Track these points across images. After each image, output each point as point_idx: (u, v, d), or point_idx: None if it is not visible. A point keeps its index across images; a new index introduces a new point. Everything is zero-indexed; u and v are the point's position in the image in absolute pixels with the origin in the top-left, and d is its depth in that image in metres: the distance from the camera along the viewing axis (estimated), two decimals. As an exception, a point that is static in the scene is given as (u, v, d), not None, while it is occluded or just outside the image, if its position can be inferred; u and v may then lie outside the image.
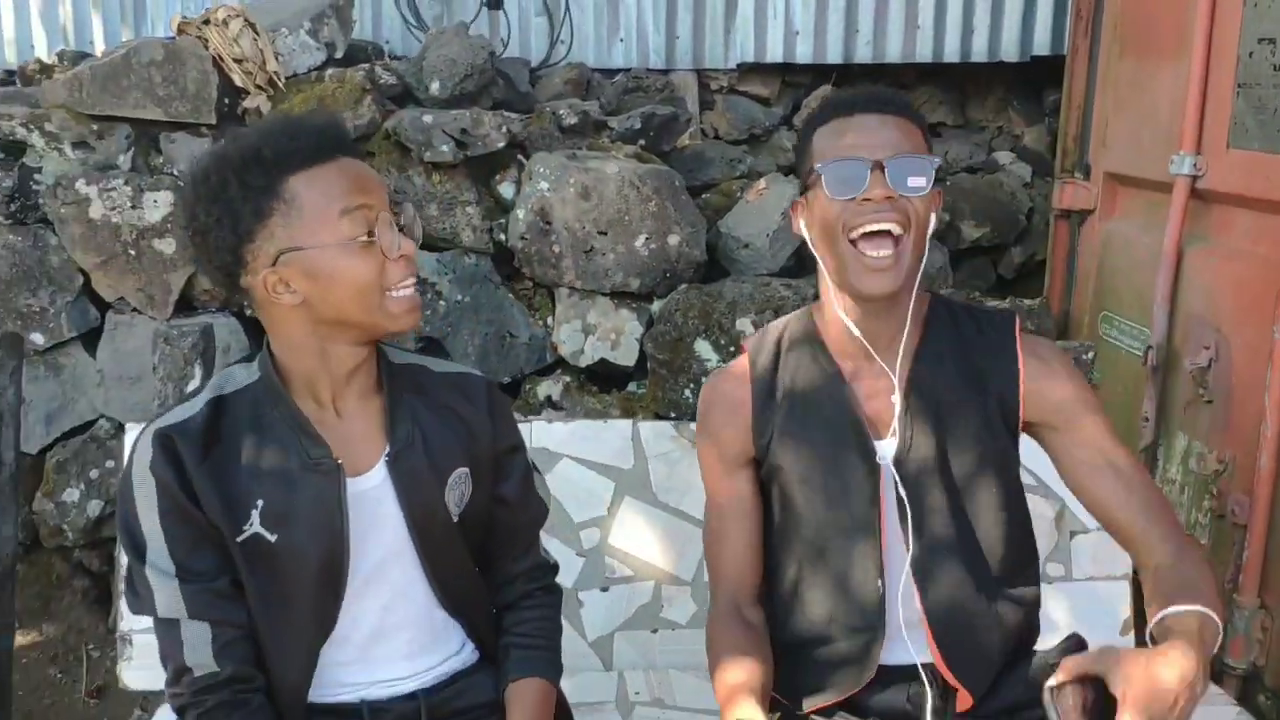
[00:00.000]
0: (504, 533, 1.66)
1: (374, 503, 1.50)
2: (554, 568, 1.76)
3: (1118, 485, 1.55)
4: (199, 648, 1.43)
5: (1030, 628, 1.68)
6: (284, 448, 1.46)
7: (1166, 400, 3.12)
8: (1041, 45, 4.04)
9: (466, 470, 1.58)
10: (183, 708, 1.45)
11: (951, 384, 1.60)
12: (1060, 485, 1.66)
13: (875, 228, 1.50)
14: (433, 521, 1.54)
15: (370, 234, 1.42)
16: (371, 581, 1.52)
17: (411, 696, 1.57)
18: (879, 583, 1.59)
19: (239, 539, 1.44)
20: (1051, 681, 1.34)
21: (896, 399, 1.58)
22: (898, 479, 1.57)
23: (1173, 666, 1.27)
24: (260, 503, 1.44)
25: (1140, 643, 1.61)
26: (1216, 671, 2.75)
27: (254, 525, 1.44)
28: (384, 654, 1.56)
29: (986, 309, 1.69)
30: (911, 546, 1.58)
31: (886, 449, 1.60)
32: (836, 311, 1.59)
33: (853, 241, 1.52)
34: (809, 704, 1.64)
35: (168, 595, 1.43)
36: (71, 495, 3.32)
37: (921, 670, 1.59)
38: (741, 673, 1.52)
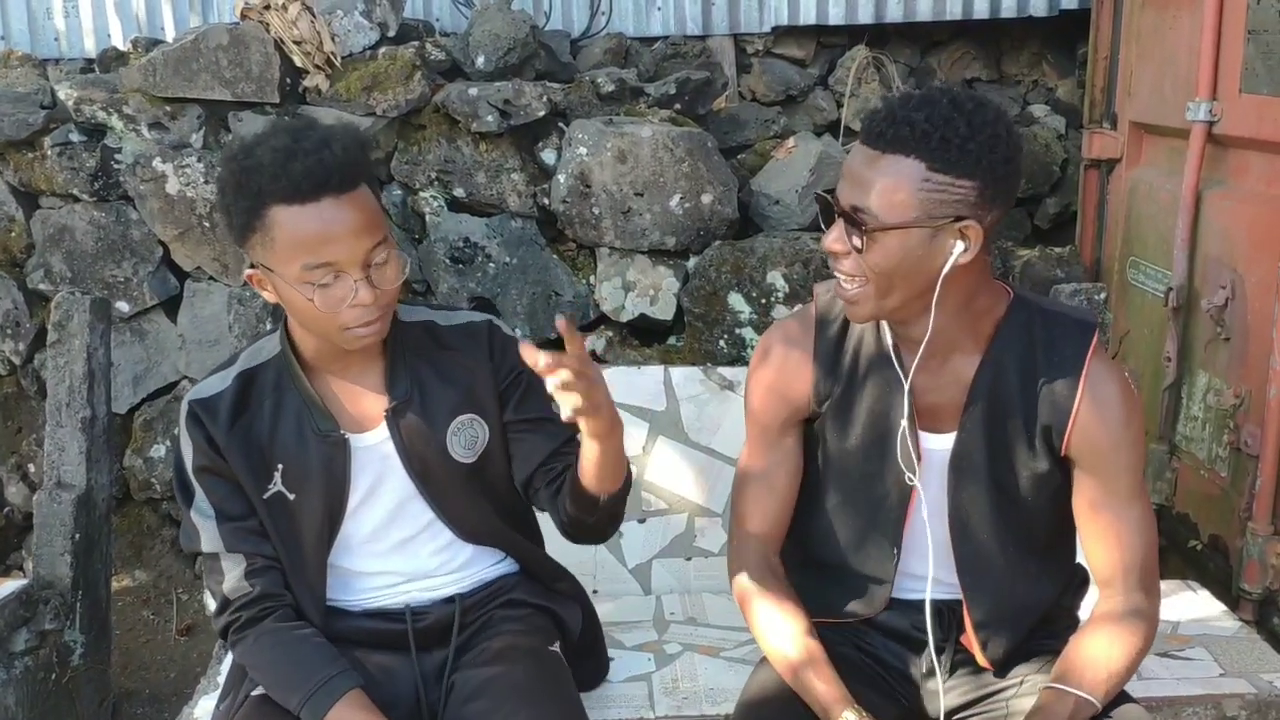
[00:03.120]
0: (521, 449, 1.74)
1: (380, 458, 1.69)
2: None
3: (1111, 540, 1.60)
4: (234, 574, 1.65)
5: (1063, 607, 1.76)
6: (299, 419, 1.65)
7: (1188, 340, 3.22)
8: (1070, -1, 4.11)
9: (472, 415, 1.70)
10: (225, 628, 1.68)
11: (1008, 398, 1.58)
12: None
13: (833, 269, 1.53)
14: (432, 469, 1.69)
15: (326, 284, 1.50)
16: (394, 521, 1.72)
17: (450, 600, 1.76)
18: (894, 552, 1.67)
19: (264, 496, 1.66)
20: None
21: (907, 397, 1.59)
22: (945, 474, 1.62)
23: None
24: (281, 466, 1.65)
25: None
26: (1234, 597, 2.87)
27: (277, 484, 1.66)
28: (420, 573, 1.76)
29: (1066, 318, 1.60)
30: (950, 533, 1.64)
31: (933, 441, 1.63)
32: None
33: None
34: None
35: (210, 533, 1.66)
36: (158, 451, 3.59)
37: (928, 606, 1.66)
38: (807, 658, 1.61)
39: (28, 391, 3.66)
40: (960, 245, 1.45)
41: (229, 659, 2.23)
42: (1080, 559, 1.75)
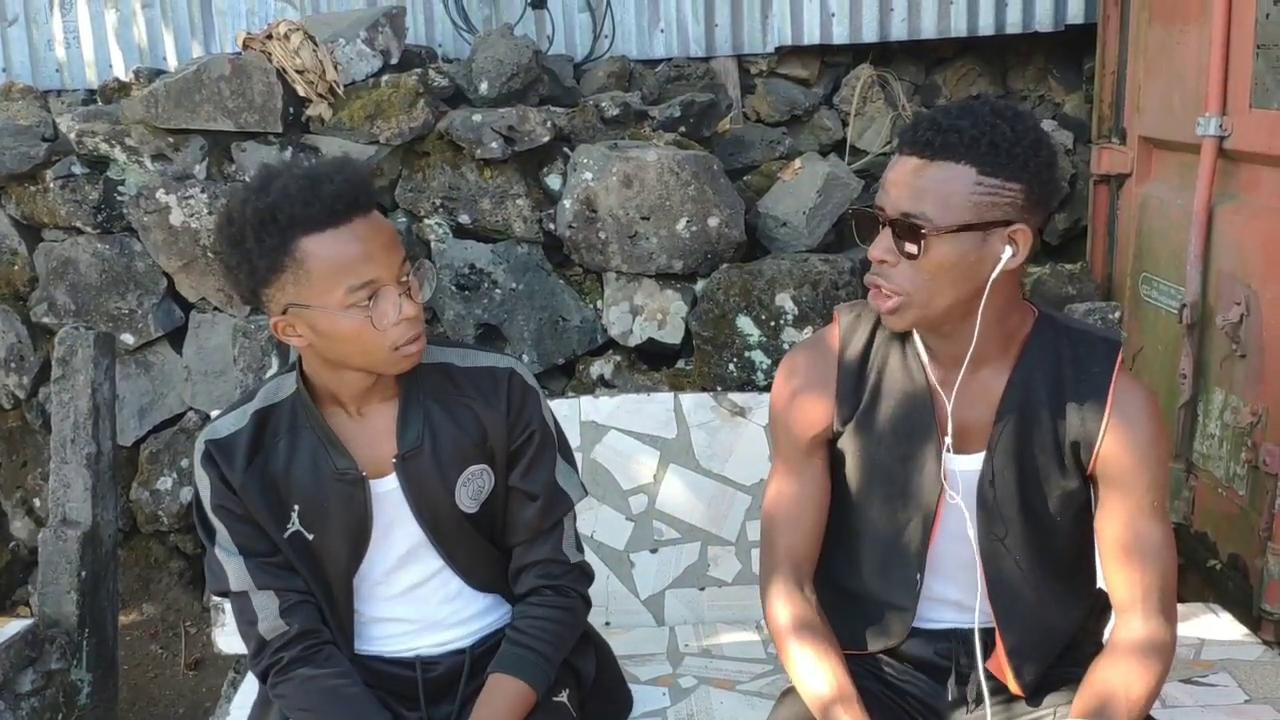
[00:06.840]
0: (511, 519, 1.72)
1: (393, 505, 1.66)
2: (576, 568, 1.75)
3: (1132, 560, 1.58)
4: (269, 614, 1.62)
5: (1087, 631, 1.74)
6: (315, 457, 1.62)
7: (1203, 357, 3.18)
8: (1075, 14, 4.07)
9: (483, 466, 1.67)
10: (265, 671, 1.63)
11: (1037, 416, 1.58)
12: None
13: (871, 280, 1.53)
14: (441, 519, 1.66)
15: (371, 299, 1.50)
16: (404, 566, 1.69)
17: (459, 651, 1.73)
18: (917, 578, 1.65)
19: (284, 535, 1.63)
20: None
21: (949, 415, 1.58)
22: (974, 497, 1.61)
23: None
24: (297, 506, 1.62)
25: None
26: (1254, 617, 2.82)
27: (295, 524, 1.63)
28: (429, 621, 1.73)
29: (1091, 337, 1.61)
30: (980, 557, 1.61)
31: (959, 462, 1.61)
32: None
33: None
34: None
35: (236, 571, 1.63)
36: (165, 484, 3.56)
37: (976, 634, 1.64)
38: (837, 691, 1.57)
39: (33, 425, 3.64)
40: (1009, 250, 1.48)
41: (239, 696, 2.21)
42: (1100, 583, 1.73)
